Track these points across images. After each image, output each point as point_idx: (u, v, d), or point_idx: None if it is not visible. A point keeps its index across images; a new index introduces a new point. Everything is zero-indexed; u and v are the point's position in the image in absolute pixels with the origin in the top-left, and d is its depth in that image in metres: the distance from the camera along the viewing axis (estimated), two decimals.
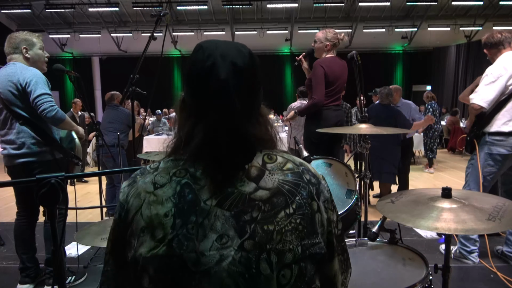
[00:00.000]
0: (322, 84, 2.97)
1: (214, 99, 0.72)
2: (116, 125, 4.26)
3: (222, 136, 0.71)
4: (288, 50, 15.17)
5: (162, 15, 2.35)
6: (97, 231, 1.67)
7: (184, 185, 0.72)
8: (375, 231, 1.53)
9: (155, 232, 0.70)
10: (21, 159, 2.37)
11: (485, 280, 2.73)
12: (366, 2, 12.33)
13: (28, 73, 2.34)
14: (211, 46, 0.74)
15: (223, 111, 0.71)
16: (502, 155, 2.76)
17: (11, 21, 13.87)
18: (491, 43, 2.86)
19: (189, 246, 0.68)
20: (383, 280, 1.43)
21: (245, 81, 0.73)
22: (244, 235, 0.69)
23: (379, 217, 1.50)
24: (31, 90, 2.30)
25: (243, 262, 0.68)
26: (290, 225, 0.71)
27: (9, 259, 3.13)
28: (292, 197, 0.73)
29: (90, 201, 5.39)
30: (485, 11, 12.81)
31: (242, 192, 0.72)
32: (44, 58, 2.56)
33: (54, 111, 2.33)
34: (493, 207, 1.26)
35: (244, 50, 0.76)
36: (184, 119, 0.78)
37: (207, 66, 0.72)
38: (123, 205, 0.77)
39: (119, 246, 0.77)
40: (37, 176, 0.92)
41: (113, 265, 0.80)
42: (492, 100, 2.70)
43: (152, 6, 12.00)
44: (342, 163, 1.96)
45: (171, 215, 0.70)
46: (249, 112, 0.75)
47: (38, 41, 2.53)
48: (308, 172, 0.79)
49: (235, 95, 0.71)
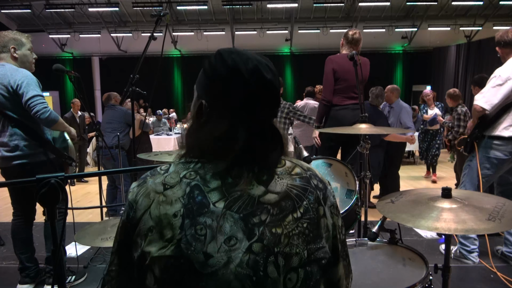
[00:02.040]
0: (328, 82, 2.97)
1: (260, 96, 0.75)
2: (114, 125, 4.24)
3: (264, 132, 0.76)
4: (288, 50, 15.15)
5: (162, 15, 2.35)
6: (97, 231, 1.67)
7: (194, 186, 0.73)
8: (375, 231, 1.53)
9: (164, 232, 0.70)
10: (15, 161, 2.37)
11: (485, 280, 2.73)
12: (366, 2, 12.32)
13: (18, 75, 2.31)
14: (240, 51, 0.78)
15: (268, 107, 0.77)
16: (499, 159, 2.74)
17: (11, 21, 13.86)
18: (505, 41, 2.75)
19: (197, 247, 0.68)
20: (383, 280, 1.43)
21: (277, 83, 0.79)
22: (253, 238, 0.69)
23: (379, 217, 1.50)
24: (23, 92, 2.28)
25: (251, 264, 0.68)
26: (297, 229, 0.72)
27: (9, 259, 3.13)
28: (300, 202, 0.74)
29: (90, 201, 5.39)
30: (485, 11, 12.79)
31: (251, 195, 0.72)
32: (32, 59, 2.54)
33: (47, 113, 2.31)
34: (493, 207, 1.26)
35: (263, 58, 0.80)
36: (205, 123, 0.77)
37: (250, 68, 0.74)
38: (132, 204, 0.77)
39: (125, 246, 0.78)
40: (37, 176, 0.92)
41: (118, 265, 0.80)
42: (497, 104, 2.65)
43: (152, 6, 11.99)
44: (342, 163, 1.96)
45: (180, 216, 0.71)
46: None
47: (27, 42, 2.50)
48: (315, 177, 0.81)
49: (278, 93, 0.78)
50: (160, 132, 8.45)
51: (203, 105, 0.78)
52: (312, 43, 14.12)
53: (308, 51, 14.58)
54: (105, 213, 4.16)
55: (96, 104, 15.31)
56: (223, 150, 0.74)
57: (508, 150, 2.71)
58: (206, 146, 0.75)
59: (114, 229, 1.67)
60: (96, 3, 12.34)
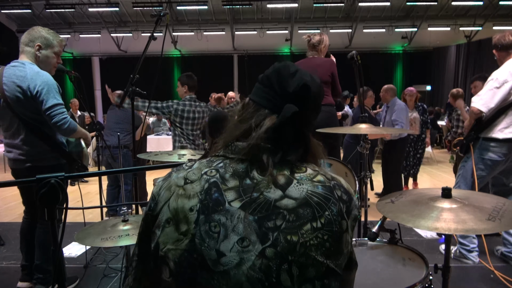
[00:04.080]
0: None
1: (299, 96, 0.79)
2: (123, 126, 4.20)
3: (305, 130, 0.80)
4: (288, 50, 15.15)
5: (162, 15, 2.34)
6: (97, 231, 1.67)
7: (212, 183, 0.75)
8: (375, 231, 1.53)
9: (180, 225, 0.72)
10: (26, 164, 2.35)
11: (485, 280, 2.73)
12: (366, 2, 12.32)
13: (38, 80, 2.25)
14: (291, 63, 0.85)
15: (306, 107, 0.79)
16: (493, 160, 2.76)
17: (11, 21, 13.86)
18: (502, 45, 2.76)
19: (210, 243, 0.69)
20: (383, 280, 1.43)
21: (314, 93, 0.81)
22: (266, 242, 0.69)
23: (379, 217, 1.50)
24: (43, 100, 2.23)
25: (263, 269, 0.67)
26: (316, 239, 0.70)
27: (9, 259, 3.12)
28: (321, 211, 0.72)
29: (90, 201, 5.38)
30: (485, 11, 12.79)
31: (268, 198, 0.72)
32: (53, 62, 2.45)
33: (67, 124, 2.27)
34: (493, 207, 1.26)
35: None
36: (243, 119, 0.81)
37: (291, 72, 0.80)
38: (154, 197, 0.80)
39: (144, 237, 0.80)
40: (37, 176, 0.92)
41: (137, 256, 0.83)
42: (494, 106, 2.67)
43: (152, 6, 11.99)
44: (342, 163, 1.96)
45: (195, 210, 0.72)
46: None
47: (57, 45, 2.43)
48: (340, 188, 0.78)
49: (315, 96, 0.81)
50: (160, 132, 8.45)
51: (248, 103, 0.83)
52: None
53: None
54: (105, 213, 4.15)
55: (96, 104, 15.32)
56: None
57: (502, 152, 2.73)
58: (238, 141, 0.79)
59: (114, 229, 1.67)
60: (96, 3, 12.34)
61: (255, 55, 14.02)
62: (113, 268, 2.94)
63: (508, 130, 2.70)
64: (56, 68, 2.52)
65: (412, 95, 5.25)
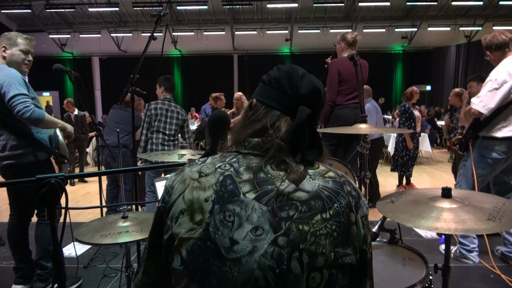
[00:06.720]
0: (333, 83, 3.20)
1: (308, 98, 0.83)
2: (123, 126, 4.19)
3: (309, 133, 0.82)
4: (288, 50, 15.16)
5: (162, 15, 2.35)
6: (96, 228, 1.66)
7: (227, 176, 0.77)
8: (375, 231, 1.53)
9: (194, 215, 0.75)
10: (4, 161, 2.34)
11: (485, 280, 2.73)
12: (366, 2, 12.33)
13: (0, 75, 2.25)
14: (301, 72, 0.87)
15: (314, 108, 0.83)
16: (494, 159, 2.76)
17: (11, 21, 13.87)
18: (496, 45, 2.72)
19: (224, 232, 0.72)
20: (383, 280, 1.43)
21: (323, 95, 0.86)
22: (279, 231, 0.71)
23: (379, 217, 1.50)
24: (5, 92, 2.21)
25: (275, 256, 0.70)
26: (325, 229, 0.73)
27: (9, 259, 3.12)
28: (331, 204, 0.76)
29: (90, 201, 5.38)
30: (485, 11, 12.81)
31: (282, 191, 0.75)
32: (20, 59, 2.43)
33: (29, 112, 2.20)
34: (493, 207, 1.26)
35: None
36: (254, 120, 0.84)
37: (300, 75, 0.84)
38: (168, 189, 0.82)
39: (155, 231, 0.82)
40: (37, 176, 0.92)
41: (148, 250, 0.85)
42: (494, 107, 2.66)
43: (152, 6, 12.00)
44: (342, 163, 1.96)
45: (211, 201, 0.75)
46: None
47: (23, 43, 2.43)
48: (350, 184, 0.82)
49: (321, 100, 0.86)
50: None
51: (256, 105, 0.85)
52: (312, 43, 14.13)
53: (308, 51, 14.58)
54: (105, 213, 4.15)
55: (96, 104, 15.33)
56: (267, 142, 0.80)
57: (502, 150, 2.73)
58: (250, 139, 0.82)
59: (114, 225, 1.67)
60: (96, 3, 12.35)
61: (255, 55, 14.04)
62: (113, 268, 2.93)
63: (507, 129, 2.71)
64: (27, 65, 2.51)
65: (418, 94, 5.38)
